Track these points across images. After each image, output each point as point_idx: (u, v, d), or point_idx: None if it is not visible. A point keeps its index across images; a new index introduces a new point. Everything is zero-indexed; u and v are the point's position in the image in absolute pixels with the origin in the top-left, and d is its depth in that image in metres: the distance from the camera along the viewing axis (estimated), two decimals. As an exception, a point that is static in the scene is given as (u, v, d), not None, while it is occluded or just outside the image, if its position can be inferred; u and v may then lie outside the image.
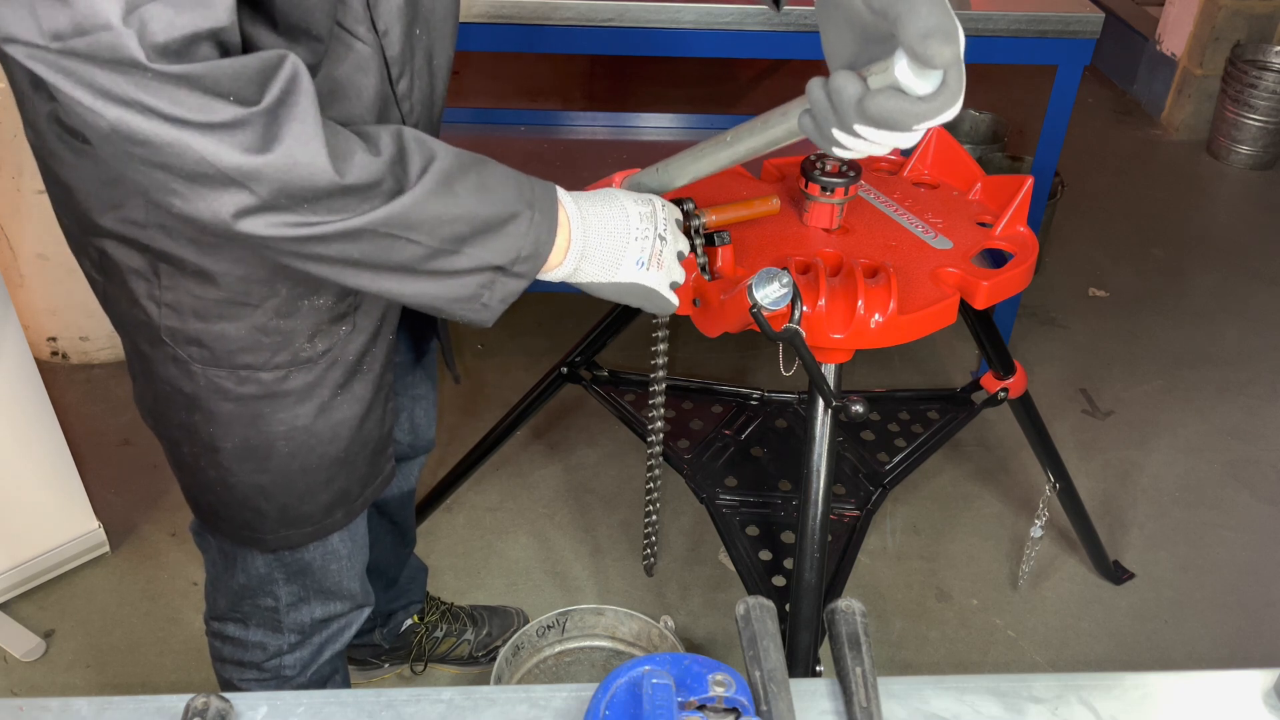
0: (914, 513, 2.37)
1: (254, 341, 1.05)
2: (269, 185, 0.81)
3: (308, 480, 1.17)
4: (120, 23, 0.73)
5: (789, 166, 1.68)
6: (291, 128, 0.80)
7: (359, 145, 0.85)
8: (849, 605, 0.87)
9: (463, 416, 2.56)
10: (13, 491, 1.98)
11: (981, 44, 2.28)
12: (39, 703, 0.82)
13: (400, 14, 0.97)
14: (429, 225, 0.90)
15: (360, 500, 1.26)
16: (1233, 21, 3.88)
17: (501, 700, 0.84)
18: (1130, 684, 0.88)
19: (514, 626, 2.05)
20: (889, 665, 2.04)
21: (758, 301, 1.25)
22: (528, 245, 0.96)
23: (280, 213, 0.82)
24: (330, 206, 0.84)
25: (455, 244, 0.92)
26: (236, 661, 1.39)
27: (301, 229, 0.84)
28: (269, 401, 1.09)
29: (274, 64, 0.80)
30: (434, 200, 0.89)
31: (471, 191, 0.92)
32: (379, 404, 1.20)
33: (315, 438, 1.14)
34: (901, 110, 0.80)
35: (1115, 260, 3.30)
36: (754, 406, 2.01)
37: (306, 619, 1.35)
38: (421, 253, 0.91)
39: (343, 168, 0.83)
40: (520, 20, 2.16)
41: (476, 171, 0.93)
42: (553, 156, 2.89)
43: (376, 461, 1.25)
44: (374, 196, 0.86)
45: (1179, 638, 2.12)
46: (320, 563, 1.30)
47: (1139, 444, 2.59)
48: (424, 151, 0.90)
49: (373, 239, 0.88)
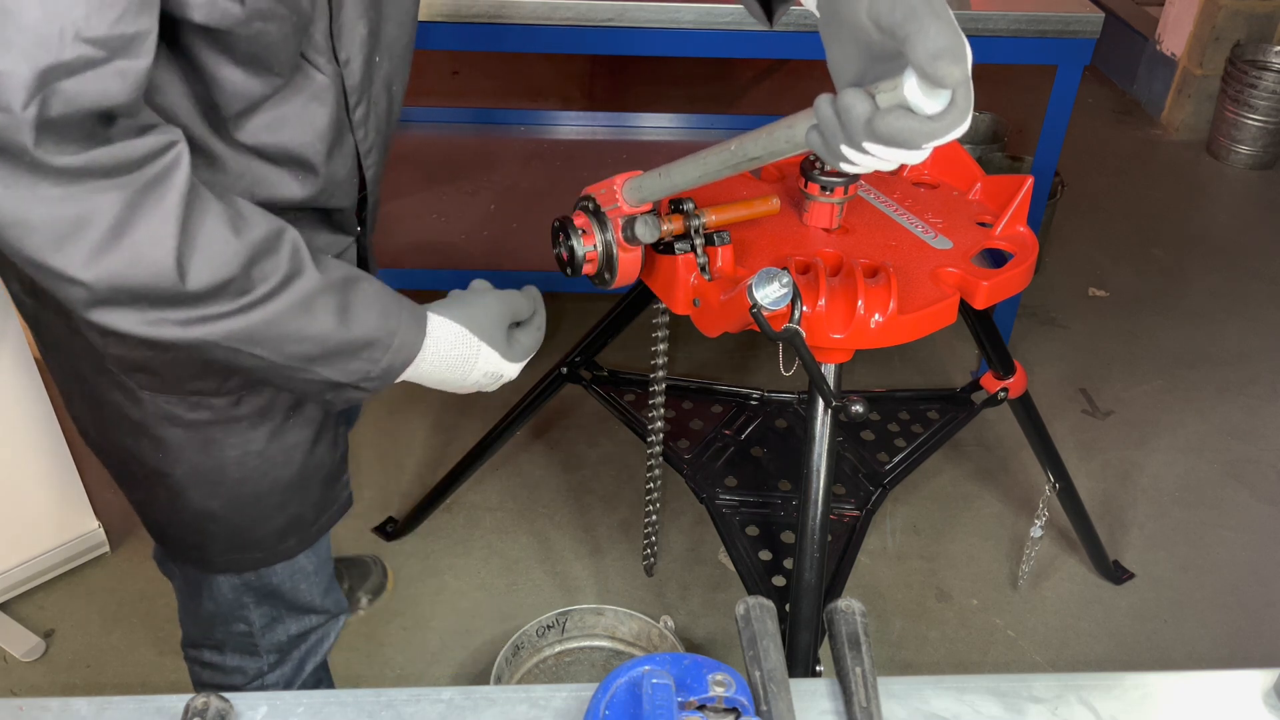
0: (914, 513, 2.37)
1: (202, 369, 1.02)
2: (106, 285, 0.78)
3: (259, 506, 1.15)
4: (20, 108, 0.70)
5: (789, 166, 1.68)
6: (147, 223, 0.78)
7: (221, 231, 0.82)
8: (849, 605, 0.87)
9: (462, 416, 2.56)
10: (13, 491, 1.98)
11: (981, 44, 2.27)
12: (39, 703, 0.82)
13: (362, 44, 0.96)
14: (275, 342, 0.89)
15: (315, 527, 1.23)
16: (1233, 21, 3.88)
17: (501, 700, 0.84)
18: (1130, 684, 0.88)
19: (372, 576, 2.11)
20: (889, 665, 2.04)
21: (758, 301, 1.25)
22: (378, 369, 0.96)
23: (124, 309, 0.81)
24: (179, 308, 0.82)
25: (303, 362, 0.91)
26: (217, 686, 1.35)
27: (149, 329, 0.82)
28: (221, 427, 1.07)
29: (158, 150, 0.78)
30: (286, 320, 0.88)
31: (331, 314, 0.91)
32: (329, 428, 1.18)
33: (268, 463, 1.11)
34: (911, 130, 0.80)
35: (1115, 260, 3.30)
36: (754, 406, 2.01)
37: (283, 637, 1.32)
38: (264, 366, 0.90)
39: (189, 267, 0.80)
40: (520, 20, 2.16)
41: (343, 294, 0.92)
42: (553, 156, 2.89)
43: (331, 488, 1.22)
44: (222, 302, 0.84)
45: (1179, 638, 2.12)
46: (289, 583, 1.27)
47: (1139, 444, 2.59)
48: (294, 262, 0.88)
49: (214, 350, 0.87)
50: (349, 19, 0.93)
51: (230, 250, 0.83)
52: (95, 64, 0.72)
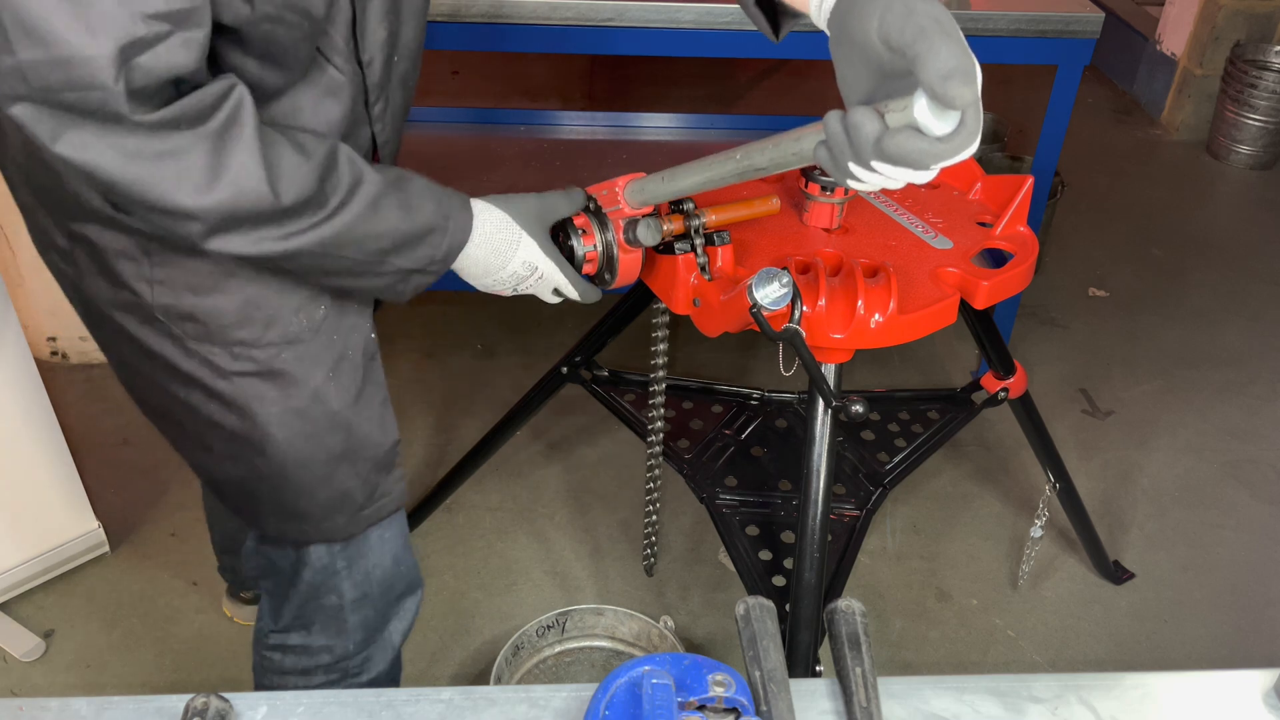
0: (914, 513, 2.37)
1: (245, 316, 1.09)
2: (218, 214, 0.91)
3: (304, 474, 1.18)
4: (112, 83, 0.82)
5: (789, 166, 1.68)
6: (236, 157, 0.90)
7: (292, 155, 0.94)
8: (849, 605, 0.87)
9: (463, 416, 2.56)
10: (13, 491, 1.98)
11: (981, 44, 2.27)
12: (39, 703, 0.82)
13: (383, 46, 1.04)
14: (357, 243, 1.01)
15: (365, 513, 1.25)
16: (1233, 21, 3.88)
17: (501, 700, 0.84)
18: (1130, 684, 0.88)
19: None
20: (889, 665, 2.04)
21: (758, 301, 1.25)
22: (440, 252, 1.09)
23: (234, 234, 0.94)
24: (277, 225, 0.95)
25: (380, 255, 1.04)
26: (301, 670, 1.38)
27: (259, 246, 0.96)
28: (262, 381, 1.11)
29: (222, 94, 0.90)
30: (361, 221, 1.00)
31: (395, 210, 1.03)
32: (372, 402, 1.21)
33: (311, 424, 1.15)
34: (920, 150, 0.80)
35: (1115, 260, 3.30)
36: (754, 406, 2.01)
37: (369, 612, 1.35)
38: (350, 265, 1.03)
39: (280, 188, 0.93)
40: (520, 20, 2.16)
41: (400, 191, 1.04)
42: (553, 156, 2.89)
43: (383, 476, 1.25)
44: (309, 215, 0.97)
45: (1179, 638, 2.12)
46: (378, 551, 1.30)
47: (1139, 444, 2.59)
48: (353, 172, 1.00)
49: (310, 257, 1.00)
50: (371, 24, 1.01)
51: (304, 170, 0.95)
52: (163, 37, 0.83)
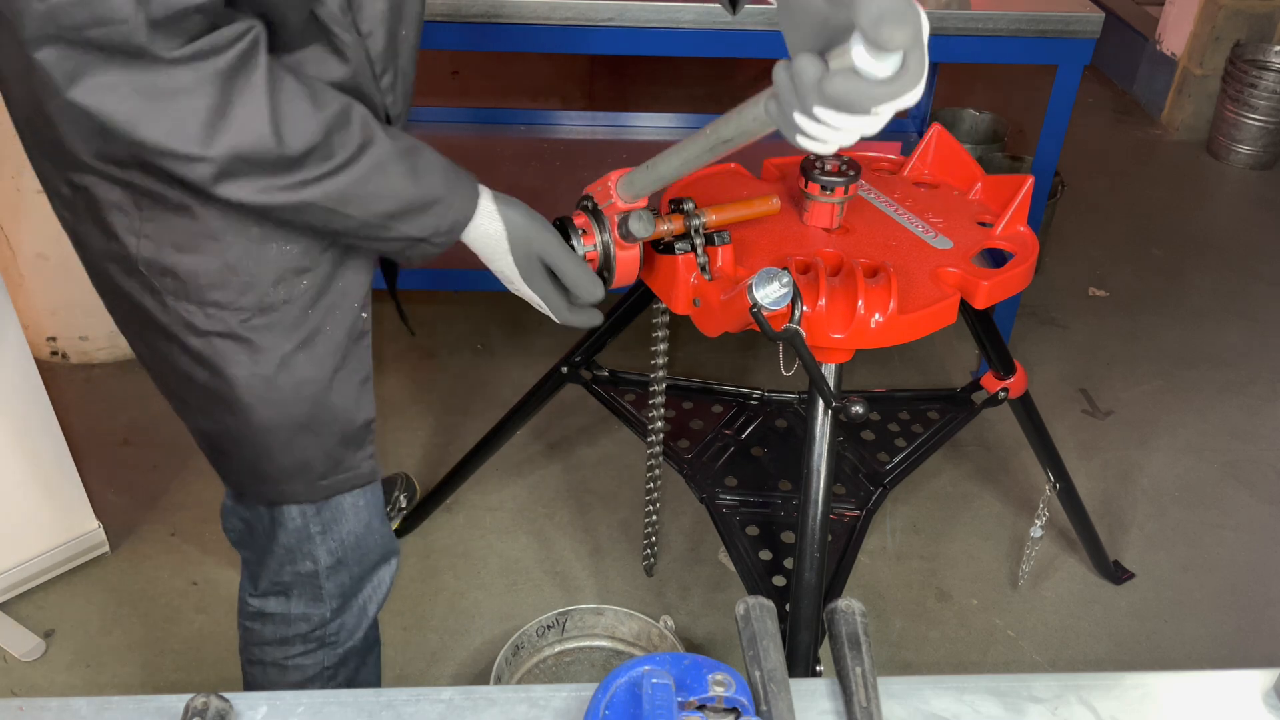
0: (914, 513, 2.37)
1: (223, 279, 1.10)
2: (225, 157, 0.93)
3: (268, 439, 1.20)
4: (132, 14, 0.84)
5: (789, 166, 1.68)
6: (242, 99, 0.92)
7: (303, 104, 0.96)
8: (849, 605, 0.87)
9: (463, 416, 2.56)
10: (13, 491, 1.98)
11: (981, 44, 2.27)
12: (39, 703, 0.82)
13: (383, 18, 1.04)
14: (362, 201, 1.03)
15: (325, 483, 1.26)
16: (1233, 21, 3.88)
17: (501, 700, 0.84)
18: (1130, 684, 0.88)
19: (398, 483, 2.29)
20: (889, 665, 2.04)
21: (758, 301, 1.25)
22: (445, 224, 1.12)
23: (242, 180, 0.96)
24: (284, 174, 0.97)
25: (385, 219, 1.06)
26: (280, 640, 1.40)
27: (267, 195, 0.98)
28: (232, 343, 1.13)
29: (237, 35, 0.91)
30: (367, 181, 1.02)
31: (403, 175, 1.05)
32: (349, 380, 1.21)
33: (276, 392, 1.16)
34: (859, 92, 0.81)
35: (1115, 260, 3.30)
36: (754, 406, 2.01)
37: (345, 579, 1.37)
38: (355, 225, 1.05)
39: (285, 134, 0.95)
40: (520, 20, 2.16)
41: (410, 158, 1.06)
42: (553, 156, 2.89)
43: (350, 451, 1.25)
44: (314, 166, 0.98)
45: (1179, 638, 2.12)
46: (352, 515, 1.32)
47: (1139, 444, 2.59)
48: (365, 131, 1.02)
49: (317, 213, 1.02)
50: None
51: (312, 119, 0.97)
52: None
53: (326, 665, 1.42)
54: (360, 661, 1.47)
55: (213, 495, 2.29)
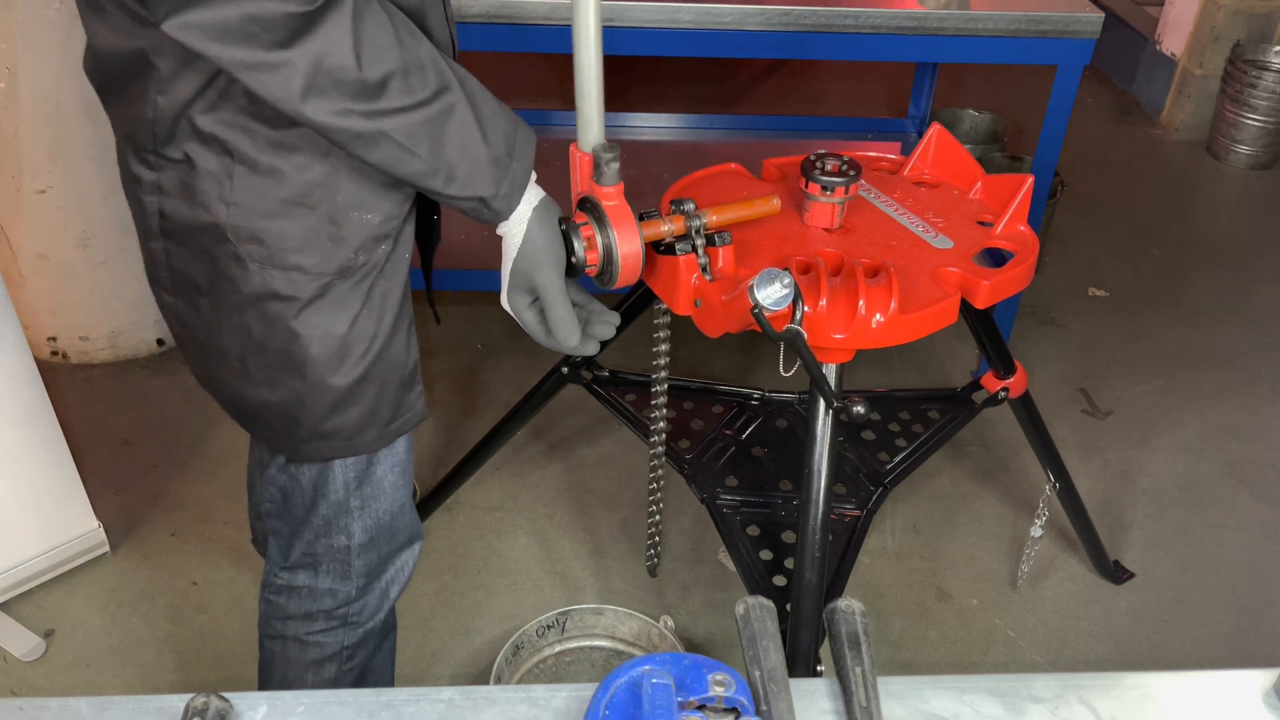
0: (914, 513, 2.37)
1: (306, 243, 1.15)
2: (309, 67, 0.97)
3: (339, 393, 1.24)
4: None
5: (789, 166, 1.68)
6: (331, 17, 0.95)
7: (386, 36, 1.00)
8: (849, 605, 0.87)
9: (463, 416, 2.56)
10: (13, 491, 1.98)
11: (981, 44, 2.27)
12: (39, 703, 0.82)
13: None
14: (432, 144, 1.06)
15: (392, 426, 1.32)
16: (1233, 21, 3.88)
17: (501, 700, 0.84)
18: (1130, 684, 0.88)
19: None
20: (889, 665, 2.04)
21: (759, 302, 1.25)
22: (505, 187, 1.14)
23: (324, 98, 0.99)
24: (363, 100, 1.00)
25: (449, 169, 1.09)
26: (304, 614, 1.43)
27: (346, 120, 1.01)
28: (310, 307, 1.18)
29: None
30: (439, 122, 1.06)
31: (470, 126, 1.08)
32: (402, 328, 1.28)
33: (347, 349, 1.22)
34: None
35: (1115, 260, 3.30)
36: (755, 406, 2.01)
37: (374, 558, 1.40)
38: (423, 169, 1.08)
39: (364, 60, 0.99)
40: (520, 20, 2.16)
41: (481, 108, 1.10)
42: (553, 156, 2.88)
43: (407, 392, 1.32)
44: (388, 98, 1.02)
45: (1179, 638, 2.12)
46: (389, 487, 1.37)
47: (1139, 444, 2.59)
48: (441, 80, 1.05)
49: (390, 148, 1.05)
50: None
51: (393, 52, 1.01)
52: None
53: (346, 644, 1.45)
54: (377, 645, 1.50)
55: (213, 495, 2.29)
